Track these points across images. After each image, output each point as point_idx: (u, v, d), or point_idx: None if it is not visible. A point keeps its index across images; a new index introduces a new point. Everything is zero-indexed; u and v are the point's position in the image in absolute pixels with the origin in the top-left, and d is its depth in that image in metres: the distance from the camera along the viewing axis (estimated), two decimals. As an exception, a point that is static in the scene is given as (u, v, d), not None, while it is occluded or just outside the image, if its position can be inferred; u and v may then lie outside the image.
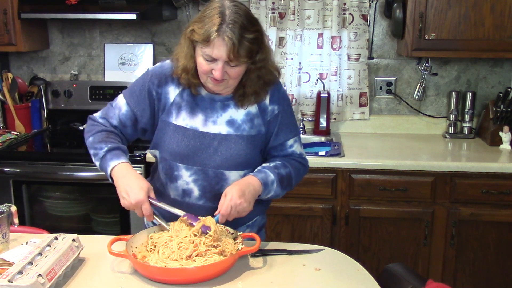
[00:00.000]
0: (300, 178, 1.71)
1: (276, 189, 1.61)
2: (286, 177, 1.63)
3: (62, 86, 3.18)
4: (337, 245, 2.57)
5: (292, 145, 1.68)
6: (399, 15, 2.77)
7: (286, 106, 1.66)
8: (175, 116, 1.60)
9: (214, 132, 1.59)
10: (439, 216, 2.54)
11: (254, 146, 1.62)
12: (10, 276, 1.25)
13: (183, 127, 1.59)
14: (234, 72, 1.48)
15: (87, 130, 1.67)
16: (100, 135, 1.62)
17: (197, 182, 1.61)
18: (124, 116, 1.64)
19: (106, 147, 1.58)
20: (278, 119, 1.64)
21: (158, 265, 1.37)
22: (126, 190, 1.49)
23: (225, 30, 1.40)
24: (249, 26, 1.43)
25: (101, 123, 1.66)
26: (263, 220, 1.80)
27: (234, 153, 1.59)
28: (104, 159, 1.57)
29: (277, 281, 1.39)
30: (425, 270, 2.60)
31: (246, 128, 1.60)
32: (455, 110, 2.97)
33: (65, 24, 3.22)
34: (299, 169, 1.69)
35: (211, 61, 1.45)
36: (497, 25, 2.63)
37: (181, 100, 1.60)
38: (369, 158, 2.56)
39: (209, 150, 1.59)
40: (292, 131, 1.68)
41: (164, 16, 2.96)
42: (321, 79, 3.04)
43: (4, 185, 2.69)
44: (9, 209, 1.58)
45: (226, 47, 1.40)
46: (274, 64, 1.61)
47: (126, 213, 2.64)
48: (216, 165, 1.59)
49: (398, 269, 1.63)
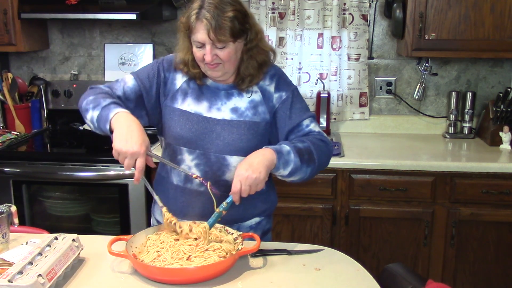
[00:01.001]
0: (323, 155, 1.61)
1: (295, 160, 1.52)
2: (305, 150, 1.55)
3: (62, 86, 3.18)
4: (337, 245, 2.57)
5: (309, 124, 1.64)
6: (399, 15, 2.77)
7: (293, 91, 1.67)
8: (180, 101, 1.64)
9: (217, 117, 1.62)
10: (439, 216, 2.54)
11: (256, 133, 1.63)
12: (10, 276, 1.25)
13: (187, 111, 1.63)
14: (223, 54, 1.52)
15: (86, 93, 1.62)
16: (103, 95, 1.57)
17: (199, 167, 1.63)
18: (129, 89, 1.64)
19: (112, 100, 1.54)
20: (288, 103, 1.64)
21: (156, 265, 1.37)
22: (127, 137, 1.43)
23: (203, 13, 1.47)
24: (227, 6, 1.49)
25: (105, 89, 1.63)
26: (268, 224, 1.78)
27: (235, 137, 1.61)
28: (106, 107, 1.51)
29: (277, 281, 1.39)
30: (425, 270, 2.60)
31: (249, 115, 1.62)
32: (455, 110, 2.97)
33: (65, 24, 3.22)
34: (320, 145, 1.60)
35: (201, 47, 1.52)
36: (497, 25, 2.63)
37: (187, 87, 1.65)
38: (369, 158, 2.56)
39: (212, 134, 1.61)
40: (305, 112, 1.66)
41: (164, 16, 2.96)
42: (321, 79, 3.04)
43: (4, 185, 2.69)
44: (9, 209, 1.58)
45: (205, 28, 1.47)
46: (268, 44, 1.66)
47: (126, 213, 2.64)
48: (218, 149, 1.61)
49: (398, 269, 1.63)
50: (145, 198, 2.62)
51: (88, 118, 1.56)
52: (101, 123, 1.51)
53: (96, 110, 1.52)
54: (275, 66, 1.70)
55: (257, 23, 1.62)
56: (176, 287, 1.36)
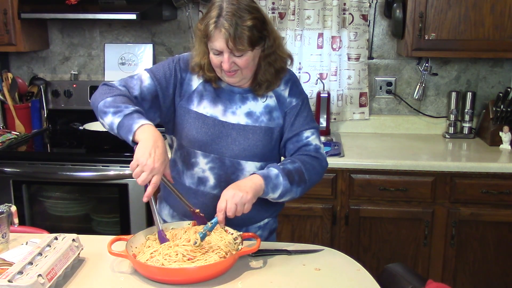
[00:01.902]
0: (314, 173, 1.61)
1: (284, 183, 1.52)
2: (295, 171, 1.55)
3: (62, 86, 3.18)
4: (337, 245, 2.57)
5: (308, 136, 1.64)
6: (399, 15, 2.77)
7: (303, 100, 1.68)
8: (196, 103, 1.63)
9: (233, 122, 1.62)
10: (439, 216, 2.54)
11: (271, 138, 1.63)
12: (10, 276, 1.24)
13: (204, 114, 1.62)
14: (241, 61, 1.51)
15: (102, 92, 1.56)
16: (123, 97, 1.52)
17: (213, 170, 1.62)
18: (146, 89, 1.60)
19: (134, 108, 1.48)
20: (295, 111, 1.65)
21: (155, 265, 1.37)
22: (151, 151, 1.39)
23: (222, 22, 1.45)
24: (245, 15, 1.47)
25: (121, 89, 1.57)
26: (274, 224, 1.79)
27: (251, 143, 1.61)
28: (129, 116, 1.45)
29: (277, 281, 1.39)
30: (425, 270, 2.60)
31: (264, 120, 1.62)
32: (455, 110, 2.97)
33: (65, 24, 3.22)
34: (311, 163, 1.60)
35: (219, 54, 1.51)
36: (497, 25, 2.63)
37: (203, 89, 1.64)
38: (369, 158, 2.56)
39: (228, 139, 1.61)
40: (308, 123, 1.66)
41: (164, 16, 2.96)
42: (321, 79, 3.04)
43: (4, 185, 2.69)
44: (9, 209, 1.58)
45: (224, 37, 1.45)
46: (286, 50, 1.65)
47: (126, 213, 2.64)
48: (234, 154, 1.61)
49: (398, 269, 1.63)
50: (145, 198, 2.61)
51: (107, 121, 1.50)
52: (123, 131, 1.46)
53: (118, 117, 1.47)
54: (290, 71, 1.70)
55: (275, 29, 1.60)
56: (176, 287, 1.36)
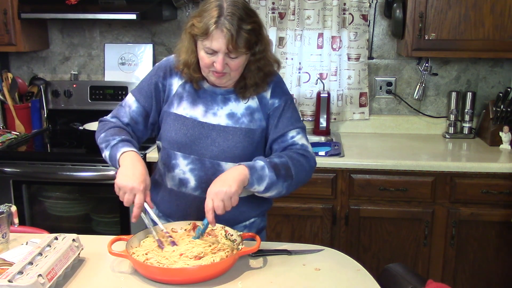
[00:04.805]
0: (302, 170, 1.58)
1: (270, 174, 1.49)
2: (282, 165, 1.53)
3: (62, 86, 3.18)
4: (337, 245, 2.57)
5: (294, 136, 1.62)
6: (399, 15, 2.77)
7: (287, 100, 1.66)
8: (176, 105, 1.64)
9: (213, 123, 1.61)
10: (439, 216, 2.54)
11: (252, 140, 1.62)
12: (10, 276, 1.25)
13: (183, 116, 1.62)
14: (234, 64, 1.50)
15: (98, 129, 1.67)
16: (112, 130, 1.62)
17: (194, 171, 1.62)
18: (135, 113, 1.67)
19: (120, 138, 1.57)
20: (278, 112, 1.63)
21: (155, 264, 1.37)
22: (129, 173, 1.47)
23: (223, 22, 1.44)
24: (246, 18, 1.47)
25: (113, 122, 1.67)
26: (262, 223, 1.78)
27: (231, 144, 1.60)
28: (115, 147, 1.55)
29: (277, 281, 1.39)
30: (425, 270, 2.60)
31: (245, 121, 1.61)
32: (455, 110, 2.97)
33: (65, 24, 3.22)
34: (299, 160, 1.58)
35: (212, 53, 1.49)
36: (497, 25, 2.63)
37: (183, 90, 1.64)
38: (369, 158, 2.56)
39: (207, 140, 1.60)
40: (293, 123, 1.64)
41: (164, 16, 2.96)
42: (321, 79, 3.04)
43: (4, 185, 2.69)
44: (9, 209, 1.58)
45: (225, 38, 1.44)
46: (274, 56, 1.65)
47: (126, 213, 2.64)
48: (213, 155, 1.60)
49: (398, 269, 1.63)
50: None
51: (104, 156, 1.61)
52: (112, 162, 1.57)
53: (107, 150, 1.57)
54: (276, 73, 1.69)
55: (267, 34, 1.60)
56: (176, 287, 1.36)
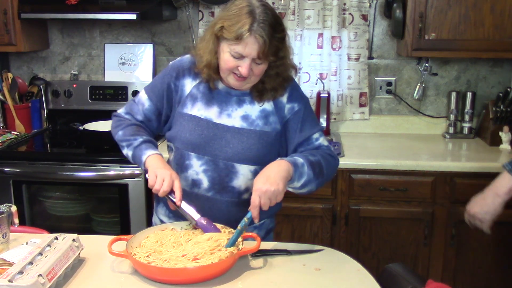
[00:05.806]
0: (331, 168, 1.65)
1: (309, 172, 1.54)
2: (316, 163, 1.58)
3: (62, 86, 3.18)
4: (337, 245, 2.57)
5: (318, 138, 1.67)
6: (399, 15, 2.77)
7: (306, 104, 1.68)
8: (190, 106, 1.64)
9: (227, 124, 1.62)
10: (439, 216, 2.54)
11: (266, 142, 1.63)
12: (11, 276, 1.25)
13: (197, 117, 1.63)
14: (258, 69, 1.52)
15: (114, 125, 1.72)
16: (130, 128, 1.67)
17: (207, 172, 1.63)
18: (148, 111, 1.71)
19: (141, 138, 1.63)
20: (299, 116, 1.65)
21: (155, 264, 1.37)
22: (162, 165, 1.55)
23: (256, 29, 1.45)
24: (277, 26, 1.49)
25: (128, 119, 1.72)
26: (271, 224, 1.80)
27: (245, 146, 1.61)
28: (138, 148, 1.62)
29: (277, 281, 1.39)
30: (425, 270, 2.60)
31: (259, 124, 1.62)
32: (455, 110, 2.97)
33: (65, 24, 3.22)
34: (329, 159, 1.64)
35: (239, 58, 1.49)
36: (497, 25, 2.63)
37: (197, 92, 1.65)
38: (369, 158, 2.56)
39: (221, 141, 1.61)
40: (315, 126, 1.68)
41: (164, 16, 2.96)
42: (321, 79, 3.04)
43: (4, 185, 2.69)
44: (9, 209, 1.58)
45: (258, 45, 1.46)
46: (292, 62, 1.65)
47: (126, 213, 2.64)
48: (227, 157, 1.61)
49: (398, 269, 1.63)
50: (145, 198, 2.61)
51: (124, 153, 1.68)
52: (136, 162, 1.64)
53: (129, 150, 1.65)
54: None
55: (289, 42, 1.62)
56: (176, 287, 1.36)
